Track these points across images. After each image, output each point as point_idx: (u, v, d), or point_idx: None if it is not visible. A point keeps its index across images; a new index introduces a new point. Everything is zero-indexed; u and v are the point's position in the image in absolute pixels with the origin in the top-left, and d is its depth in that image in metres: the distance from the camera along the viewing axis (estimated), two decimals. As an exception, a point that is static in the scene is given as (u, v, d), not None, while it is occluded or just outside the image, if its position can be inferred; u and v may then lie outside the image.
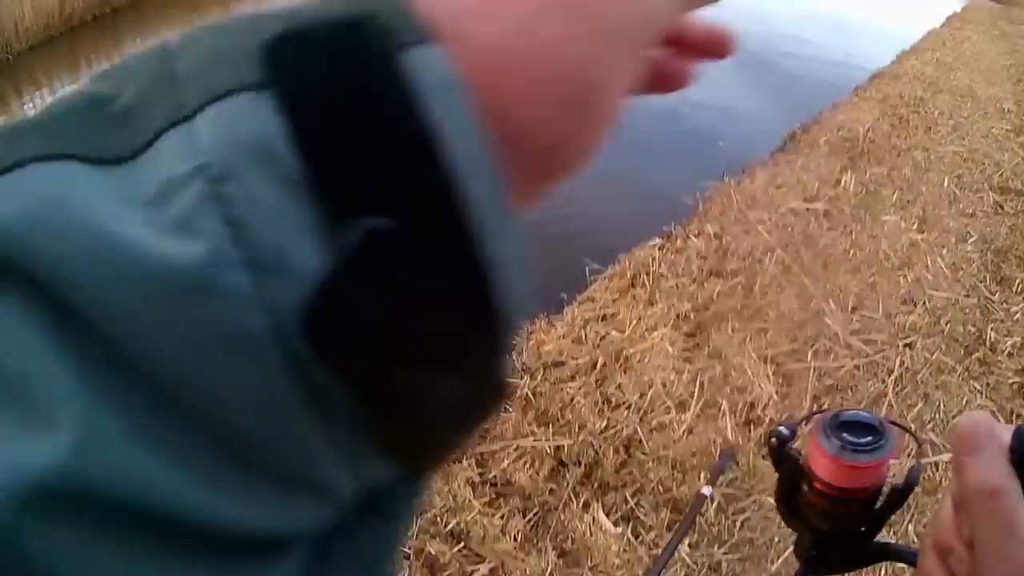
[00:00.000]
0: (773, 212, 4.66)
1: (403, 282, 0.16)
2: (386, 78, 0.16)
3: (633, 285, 3.87)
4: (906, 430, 0.75)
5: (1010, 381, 3.65)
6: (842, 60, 9.85)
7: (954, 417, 3.37)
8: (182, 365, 0.15)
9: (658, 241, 4.28)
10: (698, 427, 3.12)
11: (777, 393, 3.31)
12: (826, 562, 0.83)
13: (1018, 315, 4.18)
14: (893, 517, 0.78)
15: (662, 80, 0.33)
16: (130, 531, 0.15)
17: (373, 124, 0.16)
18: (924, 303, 4.11)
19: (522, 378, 3.27)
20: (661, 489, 2.87)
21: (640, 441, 3.04)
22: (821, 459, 0.72)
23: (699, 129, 6.61)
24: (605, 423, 3.09)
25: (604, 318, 3.68)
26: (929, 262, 4.48)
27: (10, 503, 0.14)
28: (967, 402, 3.46)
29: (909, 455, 2.59)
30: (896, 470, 0.84)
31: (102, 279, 0.15)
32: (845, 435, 0.71)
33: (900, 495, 0.75)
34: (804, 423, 0.85)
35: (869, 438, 0.71)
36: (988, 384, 3.61)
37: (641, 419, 3.13)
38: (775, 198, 4.88)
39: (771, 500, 2.84)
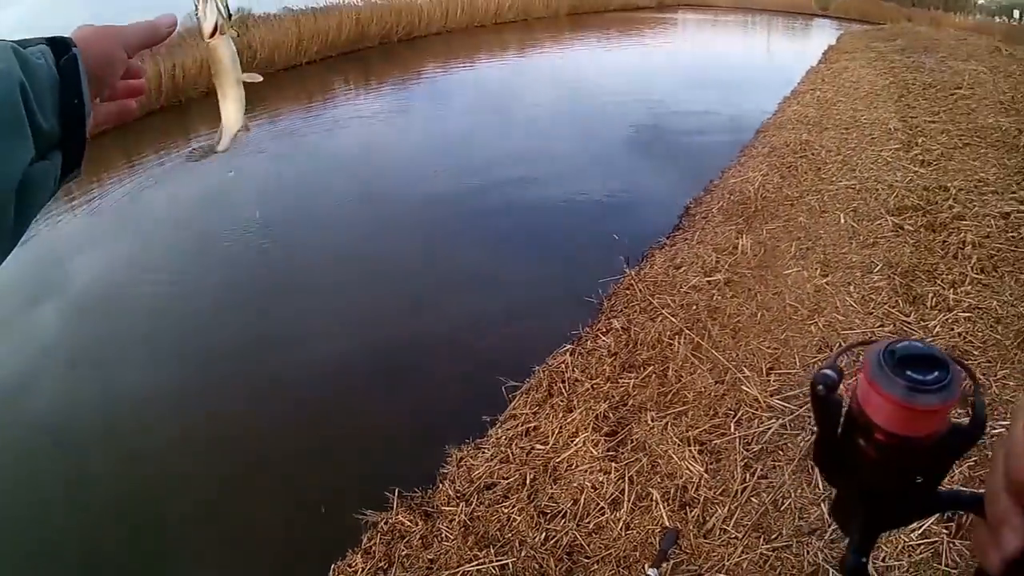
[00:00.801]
0: (676, 294, 4.83)
1: (72, 80, 0.74)
2: (70, 54, 0.74)
3: (550, 395, 3.98)
4: (957, 362, 0.62)
5: (942, 393, 3.71)
6: (729, 122, 10.33)
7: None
8: (42, 86, 0.70)
9: (569, 346, 4.41)
10: (634, 521, 3.18)
11: (707, 471, 3.39)
12: (879, 521, 0.73)
13: (937, 328, 4.28)
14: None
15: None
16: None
17: (69, 62, 0.74)
18: (840, 344, 4.18)
19: (458, 506, 3.34)
20: (608, 589, 2.92)
21: (581, 546, 3.11)
22: (885, 404, 0.61)
23: (596, 226, 6.78)
24: (544, 535, 3.16)
25: (527, 433, 3.78)
26: (838, 302, 4.62)
27: None
28: (903, 428, 3.53)
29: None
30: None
31: (30, 62, 0.68)
32: (910, 373, 0.61)
33: (968, 436, 0.64)
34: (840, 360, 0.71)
35: (936, 373, 0.60)
36: (922, 402, 3.67)
37: (578, 525, 3.20)
38: (676, 279, 5.06)
39: (721, 577, 2.92)
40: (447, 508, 3.34)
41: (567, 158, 9.25)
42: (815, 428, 0.70)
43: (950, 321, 4.33)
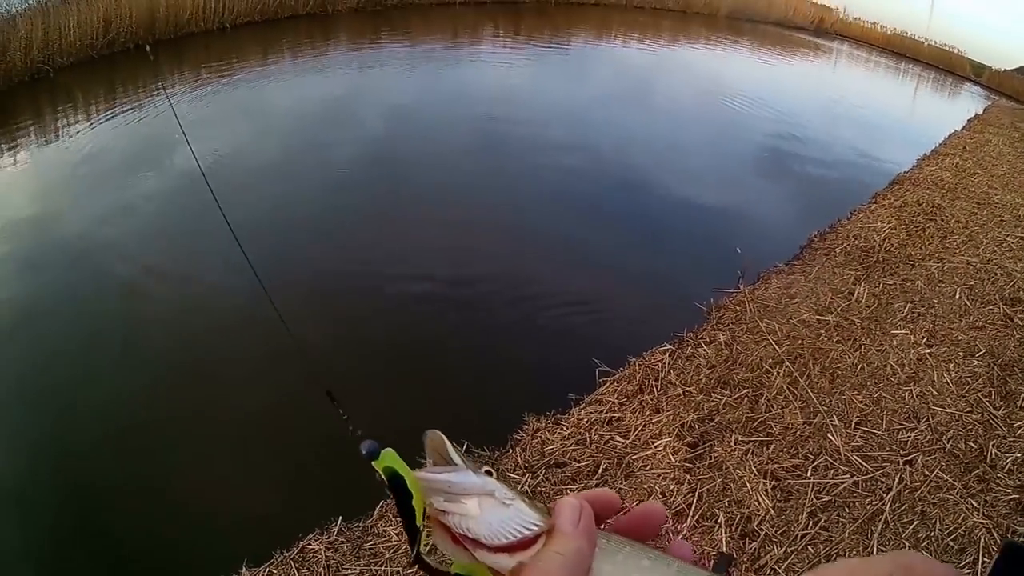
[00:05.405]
0: (785, 323, 4.73)
1: None
2: None
3: (641, 390, 3.94)
4: None
5: (1008, 498, 3.66)
6: (864, 164, 10.02)
7: (950, 535, 3.40)
8: None
9: (669, 346, 4.35)
10: (694, 537, 3.15)
11: (774, 508, 3.34)
12: None
13: (1021, 430, 4.15)
14: None
15: None
16: None
17: None
18: (927, 419, 4.11)
19: (523, 476, 3.33)
20: (655, 597, 2.90)
21: (637, 548, 3.09)
22: None
23: (717, 233, 6.67)
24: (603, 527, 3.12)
25: (610, 422, 3.74)
26: (935, 377, 4.50)
27: None
28: (963, 519, 3.47)
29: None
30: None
31: None
32: None
33: None
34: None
35: None
36: (986, 501, 3.62)
37: (638, 527, 3.17)
38: (788, 308, 4.96)
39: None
40: (512, 476, 3.30)
41: (697, 157, 9.10)
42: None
43: (1034, 428, 4.23)
